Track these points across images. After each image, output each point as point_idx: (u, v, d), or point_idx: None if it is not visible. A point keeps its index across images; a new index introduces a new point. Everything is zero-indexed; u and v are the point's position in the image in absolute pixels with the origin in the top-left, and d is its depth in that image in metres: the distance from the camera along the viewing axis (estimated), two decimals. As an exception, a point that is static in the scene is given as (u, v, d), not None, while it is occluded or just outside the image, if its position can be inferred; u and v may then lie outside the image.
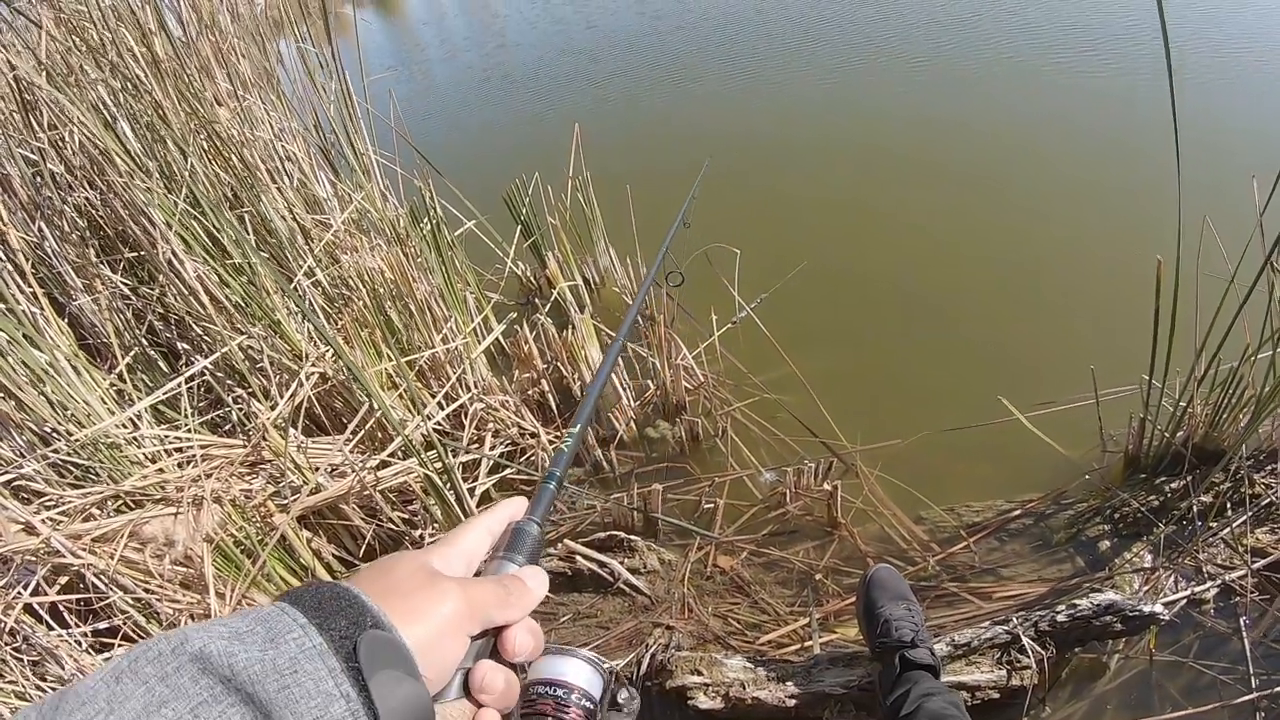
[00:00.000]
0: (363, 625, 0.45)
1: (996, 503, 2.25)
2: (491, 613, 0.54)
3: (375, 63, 7.28)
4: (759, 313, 2.71)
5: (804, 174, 4.08)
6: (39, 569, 1.81)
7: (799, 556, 2.21)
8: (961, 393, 2.56)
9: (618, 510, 2.32)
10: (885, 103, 4.77)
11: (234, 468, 2.14)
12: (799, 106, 4.95)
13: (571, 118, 3.17)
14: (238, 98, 2.48)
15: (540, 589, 0.60)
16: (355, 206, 2.48)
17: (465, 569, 0.59)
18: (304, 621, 0.44)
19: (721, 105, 5.20)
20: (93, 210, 2.31)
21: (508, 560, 0.62)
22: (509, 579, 0.58)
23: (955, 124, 4.30)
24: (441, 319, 2.48)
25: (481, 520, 0.64)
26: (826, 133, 4.54)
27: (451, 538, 0.61)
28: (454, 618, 0.51)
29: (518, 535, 0.64)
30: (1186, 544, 1.98)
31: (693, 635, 2.05)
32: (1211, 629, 1.86)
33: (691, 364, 2.65)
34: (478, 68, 6.93)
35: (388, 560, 0.54)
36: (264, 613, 0.45)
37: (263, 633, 0.43)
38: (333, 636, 0.44)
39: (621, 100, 5.59)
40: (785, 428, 2.55)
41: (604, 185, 3.14)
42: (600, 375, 1.00)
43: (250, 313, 2.25)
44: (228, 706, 0.39)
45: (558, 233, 3.05)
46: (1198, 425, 2.09)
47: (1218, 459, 2.05)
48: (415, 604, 0.50)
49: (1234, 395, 1.97)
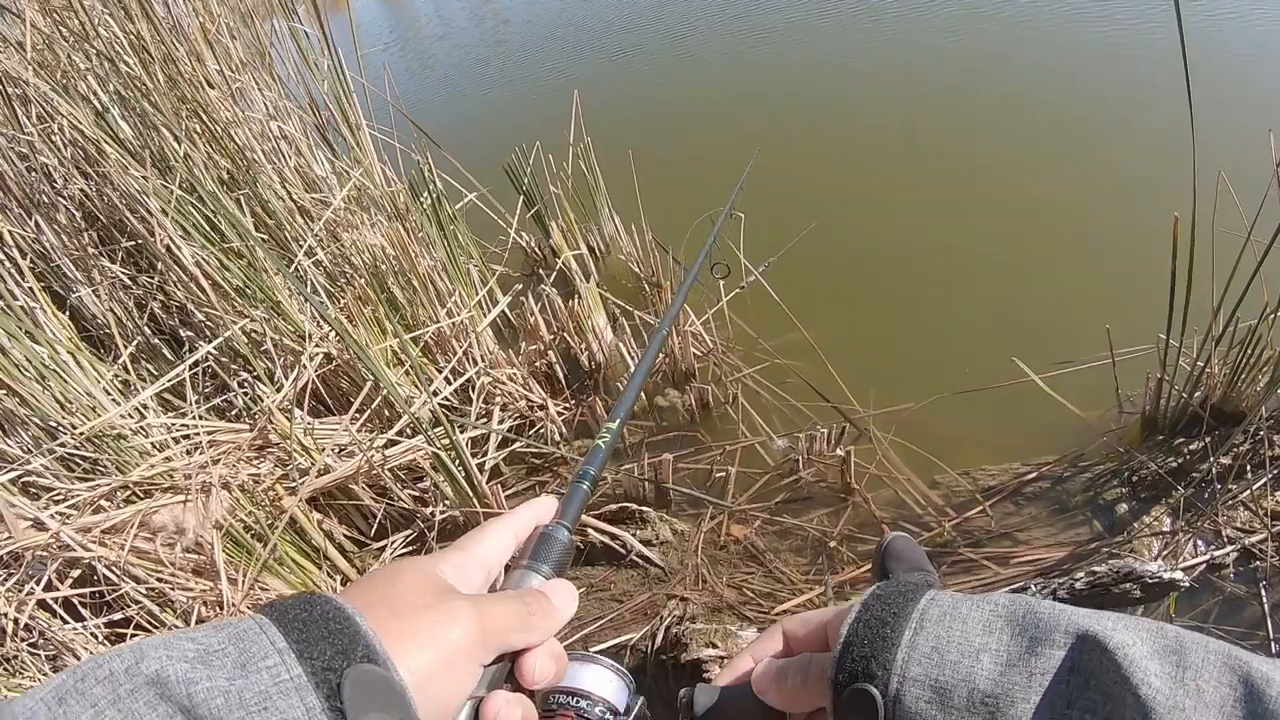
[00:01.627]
0: (352, 656, 0.39)
1: (1012, 466, 2.21)
2: (510, 637, 0.48)
3: (374, 38, 7.23)
4: (768, 277, 2.66)
5: (810, 135, 3.99)
6: (50, 564, 1.83)
7: (813, 524, 2.19)
8: (975, 355, 2.51)
9: (629, 481, 2.31)
10: (891, 62, 4.65)
11: (241, 453, 2.15)
12: (800, 70, 4.84)
13: (572, 86, 3.11)
14: (227, 79, 2.44)
15: (568, 607, 0.53)
16: (354, 183, 2.44)
17: (483, 579, 0.53)
18: (283, 646, 0.38)
19: (720, 70, 5.11)
20: (88, 200, 2.29)
21: (532, 570, 0.55)
22: (532, 596, 0.52)
23: (965, 83, 4.19)
24: (446, 293, 2.46)
25: (504, 522, 0.57)
26: (831, 94, 4.43)
27: (469, 542, 0.54)
28: (464, 645, 0.45)
29: (544, 542, 0.57)
30: (1205, 507, 1.94)
31: (707, 606, 2.05)
32: (1231, 594, 1.83)
33: (700, 330, 2.61)
34: (476, 41, 6.83)
35: (393, 569, 0.48)
36: (241, 628, 0.39)
37: (234, 654, 0.37)
38: (315, 668, 0.38)
39: (620, 69, 5.53)
40: (797, 393, 2.52)
41: (606, 153, 3.08)
42: (643, 365, 0.89)
43: (251, 296, 2.24)
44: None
45: (561, 202, 3.01)
46: (1216, 385, 2.04)
47: (1236, 420, 2.00)
48: (419, 627, 0.44)
49: (1253, 355, 1.91)
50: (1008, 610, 0.44)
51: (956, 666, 0.43)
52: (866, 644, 0.46)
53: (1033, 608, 0.44)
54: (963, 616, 0.45)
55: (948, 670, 0.43)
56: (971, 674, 0.42)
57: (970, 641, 0.43)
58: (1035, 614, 0.43)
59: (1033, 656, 0.41)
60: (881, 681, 0.44)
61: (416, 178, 2.58)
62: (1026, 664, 0.41)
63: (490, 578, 0.54)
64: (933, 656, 0.44)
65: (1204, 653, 0.38)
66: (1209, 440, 2.01)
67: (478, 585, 0.52)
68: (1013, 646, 0.42)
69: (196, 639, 0.38)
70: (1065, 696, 0.40)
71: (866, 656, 0.45)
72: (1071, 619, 0.42)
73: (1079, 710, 0.39)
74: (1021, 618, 0.43)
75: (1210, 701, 0.37)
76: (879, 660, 0.45)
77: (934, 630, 0.45)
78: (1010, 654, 0.42)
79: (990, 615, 0.44)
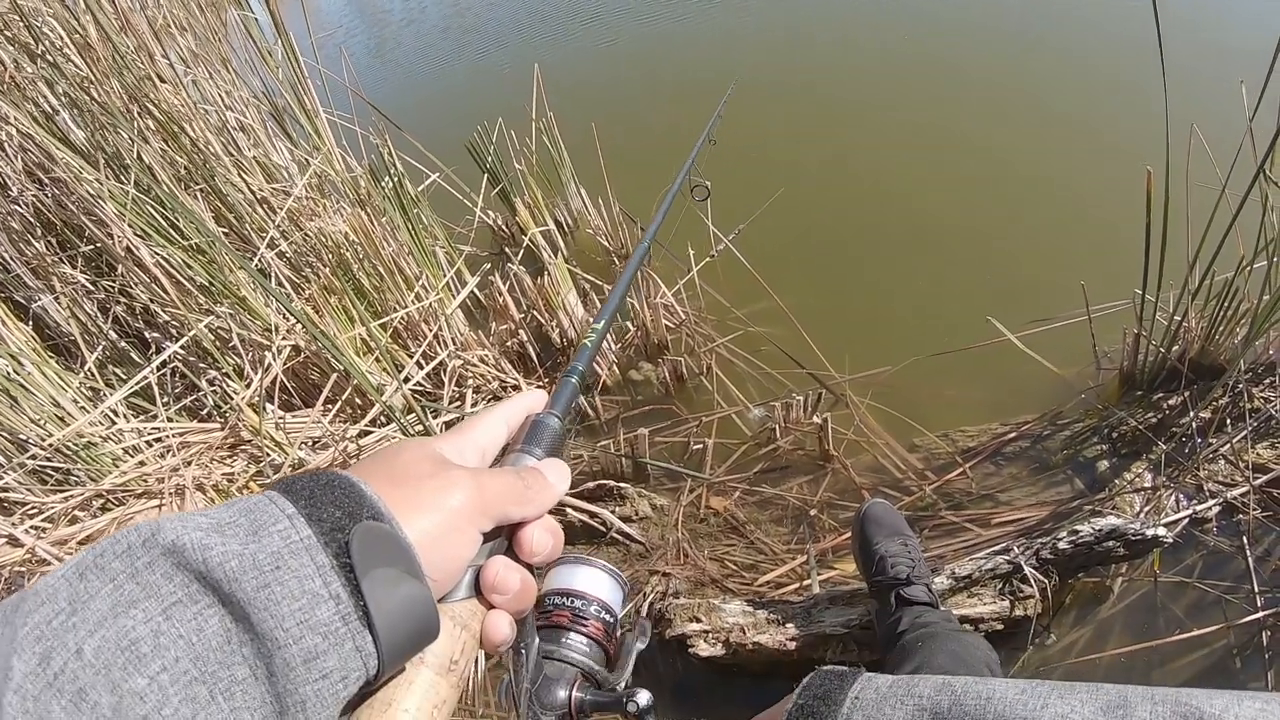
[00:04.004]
0: (358, 517, 0.41)
1: (991, 426, 2.18)
2: (507, 507, 0.49)
3: (330, 22, 7.09)
4: (737, 244, 2.62)
5: (772, 96, 3.91)
6: (29, 580, 1.84)
7: (792, 493, 2.17)
8: (950, 315, 2.46)
9: (605, 458, 2.30)
10: (858, 15, 4.56)
11: (214, 452, 2.15)
12: (762, 38, 4.73)
13: (532, 62, 3.04)
14: (178, 73, 2.40)
15: (561, 483, 0.55)
16: (314, 171, 2.40)
17: (479, 461, 0.54)
18: (292, 512, 0.40)
19: (681, 39, 5.01)
20: (42, 207, 2.27)
21: (525, 453, 0.56)
22: (528, 472, 0.53)
23: (934, 40, 4.09)
24: (413, 277, 2.43)
25: (497, 411, 0.59)
26: (792, 52, 4.35)
27: (464, 427, 0.56)
28: (464, 510, 0.46)
29: (537, 428, 0.58)
30: (1186, 461, 1.91)
31: (690, 581, 2.04)
32: (1214, 548, 1.81)
33: (671, 301, 2.58)
34: (435, 20, 6.68)
35: (393, 447, 0.50)
36: (250, 502, 0.41)
37: (246, 524, 0.39)
38: (324, 529, 0.39)
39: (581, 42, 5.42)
40: (771, 361, 2.48)
41: (570, 128, 3.03)
42: (629, 269, 0.92)
43: (216, 292, 2.22)
44: (205, 608, 0.36)
45: (525, 178, 2.96)
46: (1193, 339, 1.99)
47: (1215, 374, 1.96)
48: (421, 494, 0.45)
49: (1230, 308, 1.87)
50: (933, 704, 0.43)
51: None
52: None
53: (959, 699, 0.41)
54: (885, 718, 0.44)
55: None
56: None
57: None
58: (960, 708, 0.41)
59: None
60: None
61: (377, 162, 2.54)
62: None
63: (485, 461, 0.55)
64: None
65: (1150, 705, 0.37)
66: (1188, 394, 1.97)
67: (473, 466, 0.53)
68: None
69: (210, 514, 0.39)
70: None
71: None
72: (999, 710, 0.40)
73: None
74: (946, 710, 0.42)
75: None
76: None
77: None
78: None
79: (914, 712, 0.43)
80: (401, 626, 0.40)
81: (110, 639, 0.33)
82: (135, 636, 0.34)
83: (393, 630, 0.40)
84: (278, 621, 0.36)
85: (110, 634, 0.33)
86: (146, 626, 0.34)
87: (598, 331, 0.74)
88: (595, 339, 0.73)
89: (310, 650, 0.37)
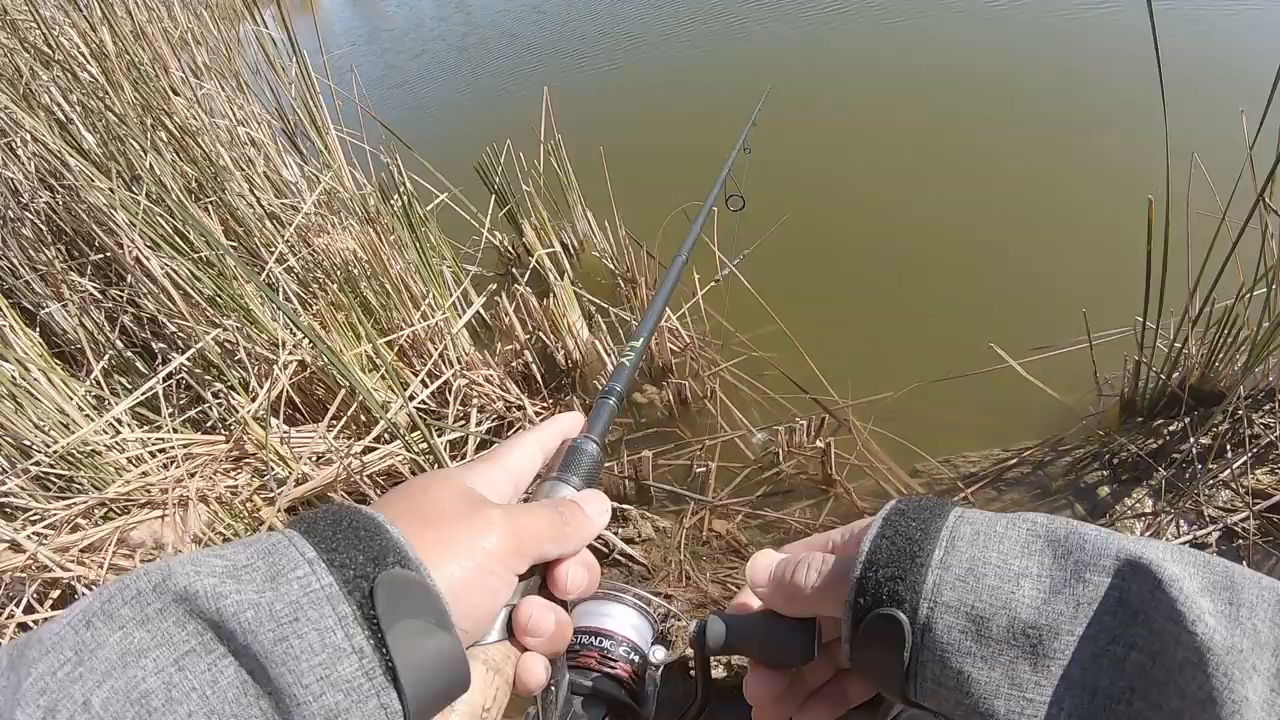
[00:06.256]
0: (383, 563, 0.38)
1: (992, 452, 2.20)
2: (544, 546, 0.47)
3: (342, 39, 7.15)
4: (743, 269, 2.64)
5: (782, 126, 3.95)
6: (30, 586, 1.82)
7: (795, 516, 2.18)
8: (952, 342, 2.49)
9: (608, 479, 2.29)
10: (861, 45, 4.65)
11: (218, 464, 2.14)
12: (770, 60, 4.82)
13: (543, 84, 3.08)
14: (192, 86, 2.42)
15: (601, 517, 0.52)
16: (324, 187, 2.42)
17: (512, 491, 0.52)
18: (312, 556, 0.37)
19: (688, 62, 5.10)
20: (54, 214, 2.27)
21: (562, 482, 0.53)
22: (565, 505, 0.50)
23: (938, 69, 4.17)
24: (420, 296, 2.44)
25: (532, 436, 0.56)
26: (796, 81, 4.39)
27: (496, 454, 0.53)
28: (499, 554, 0.44)
29: (574, 454, 0.55)
30: (1187, 487, 1.93)
31: (691, 603, 2.04)
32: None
33: (676, 325, 2.59)
34: (446, 41, 6.75)
35: (422, 480, 0.47)
36: (269, 542, 0.38)
37: (263, 569, 0.37)
38: (346, 575, 0.37)
39: (591, 64, 5.49)
40: (775, 385, 2.50)
41: (577, 149, 3.05)
42: (668, 280, 0.88)
43: (223, 305, 2.22)
44: (219, 658, 0.34)
45: (533, 200, 2.98)
46: (1194, 366, 2.02)
47: (1215, 400, 1.99)
48: (454, 537, 0.43)
49: (1230, 335, 1.90)
50: (1047, 530, 0.41)
51: (995, 592, 0.39)
52: (892, 564, 0.42)
53: (1075, 528, 0.40)
54: (999, 536, 0.42)
55: (985, 596, 0.39)
56: (1011, 601, 0.39)
57: (1009, 564, 0.40)
58: (1079, 535, 0.40)
59: (1079, 583, 0.38)
60: (910, 606, 0.41)
61: (387, 180, 2.56)
62: (1073, 591, 0.38)
63: (518, 491, 0.53)
64: (967, 580, 0.40)
65: (1257, 589, 0.35)
66: (1188, 421, 2.00)
67: (506, 497, 0.51)
68: (1056, 571, 0.39)
69: (224, 555, 0.37)
70: (1110, 630, 0.37)
71: (892, 578, 0.42)
72: (1120, 544, 0.38)
73: (1123, 646, 0.36)
74: (1064, 539, 0.40)
75: (1265, 642, 0.34)
76: (906, 583, 0.41)
77: (967, 551, 0.41)
78: (1054, 580, 0.39)
79: (1028, 535, 0.41)
80: (430, 681, 0.38)
81: (119, 690, 0.32)
82: (146, 689, 0.32)
83: (420, 685, 0.37)
84: (296, 677, 0.34)
85: (119, 685, 0.32)
86: (158, 678, 0.33)
87: (636, 350, 0.72)
88: (634, 357, 0.71)
89: (331, 708, 0.35)
